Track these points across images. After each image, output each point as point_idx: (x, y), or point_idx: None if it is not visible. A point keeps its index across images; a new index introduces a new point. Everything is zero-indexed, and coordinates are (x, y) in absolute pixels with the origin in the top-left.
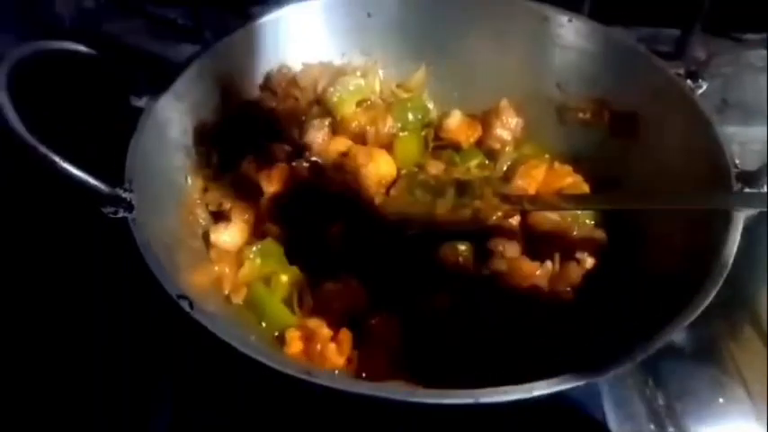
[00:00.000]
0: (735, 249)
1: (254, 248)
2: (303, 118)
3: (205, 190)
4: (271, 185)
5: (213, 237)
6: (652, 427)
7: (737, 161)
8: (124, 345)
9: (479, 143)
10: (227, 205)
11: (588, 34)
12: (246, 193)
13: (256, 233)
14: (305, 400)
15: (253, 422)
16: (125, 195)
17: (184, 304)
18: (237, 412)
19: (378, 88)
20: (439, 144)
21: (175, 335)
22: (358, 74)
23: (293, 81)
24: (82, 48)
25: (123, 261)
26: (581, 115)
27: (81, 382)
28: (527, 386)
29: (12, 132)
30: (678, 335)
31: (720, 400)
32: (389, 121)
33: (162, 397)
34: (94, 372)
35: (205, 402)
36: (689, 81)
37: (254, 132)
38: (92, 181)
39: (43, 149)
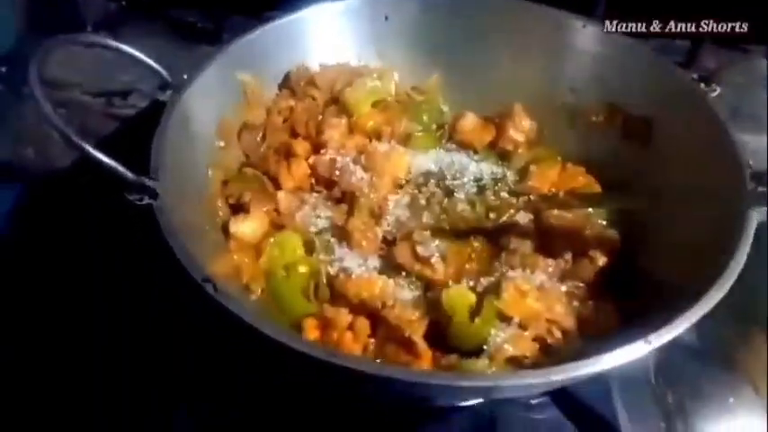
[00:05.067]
0: (748, 247)
1: (273, 239)
2: (320, 117)
3: (225, 183)
4: (290, 180)
5: (233, 228)
6: (663, 425)
7: (751, 162)
8: (124, 344)
9: (493, 145)
10: (246, 197)
11: (602, 39)
12: (266, 186)
13: (275, 225)
14: (308, 398)
15: (253, 421)
16: (150, 183)
17: (209, 287)
18: (238, 411)
19: (393, 90)
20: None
21: (176, 333)
22: (374, 75)
23: (311, 81)
24: (111, 42)
25: (122, 258)
26: (594, 119)
27: (81, 380)
28: (544, 371)
29: (46, 121)
30: (689, 335)
31: (730, 399)
32: (404, 122)
33: (164, 397)
34: (94, 371)
35: (206, 401)
36: (702, 85)
37: (274, 129)
38: (120, 168)
39: (75, 138)
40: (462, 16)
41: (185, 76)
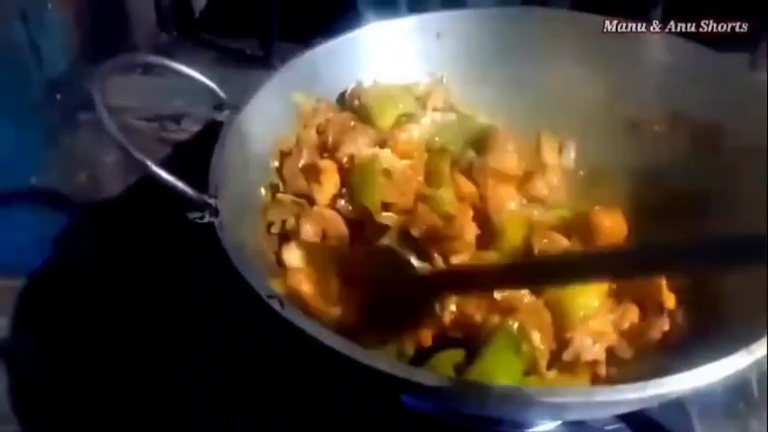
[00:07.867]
0: None
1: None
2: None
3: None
4: (320, 193)
5: (285, 255)
6: None
7: None
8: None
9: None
10: (289, 225)
11: (662, 45)
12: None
13: None
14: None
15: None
16: (211, 201)
17: (275, 303)
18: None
19: (432, 106)
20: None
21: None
22: (414, 92)
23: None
24: (168, 62)
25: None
26: (657, 128)
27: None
28: (639, 385)
29: (109, 137)
30: None
31: None
32: (436, 139)
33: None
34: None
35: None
36: None
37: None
38: (180, 185)
39: (138, 154)
40: (516, 30)
41: (241, 97)
